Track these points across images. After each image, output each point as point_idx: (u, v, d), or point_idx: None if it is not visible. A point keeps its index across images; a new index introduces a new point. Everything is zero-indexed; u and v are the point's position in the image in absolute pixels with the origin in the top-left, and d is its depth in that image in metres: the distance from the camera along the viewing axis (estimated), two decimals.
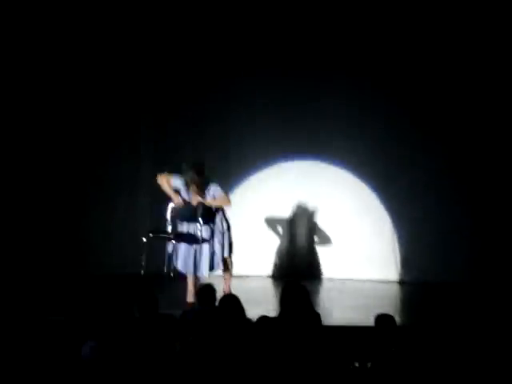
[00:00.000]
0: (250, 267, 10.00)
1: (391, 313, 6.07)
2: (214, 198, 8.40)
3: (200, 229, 8.36)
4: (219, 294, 6.59)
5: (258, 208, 10.29)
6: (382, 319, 5.94)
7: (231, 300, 6.21)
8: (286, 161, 10.27)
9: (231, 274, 8.63)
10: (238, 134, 10.22)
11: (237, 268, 9.05)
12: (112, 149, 10.27)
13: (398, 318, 6.29)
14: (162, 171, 8.59)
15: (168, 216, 8.50)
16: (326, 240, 10.25)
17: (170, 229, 8.53)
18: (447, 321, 7.79)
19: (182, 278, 8.52)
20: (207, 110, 10.27)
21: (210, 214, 8.43)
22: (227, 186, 9.65)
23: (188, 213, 8.42)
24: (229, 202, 8.52)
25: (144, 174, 10.20)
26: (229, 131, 10.22)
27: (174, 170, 8.51)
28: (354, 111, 10.12)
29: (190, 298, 8.40)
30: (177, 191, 8.49)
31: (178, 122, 10.28)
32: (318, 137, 10.16)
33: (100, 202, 10.26)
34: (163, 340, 5.79)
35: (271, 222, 10.32)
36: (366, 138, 10.11)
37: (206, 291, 6.58)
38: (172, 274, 8.51)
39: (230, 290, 8.31)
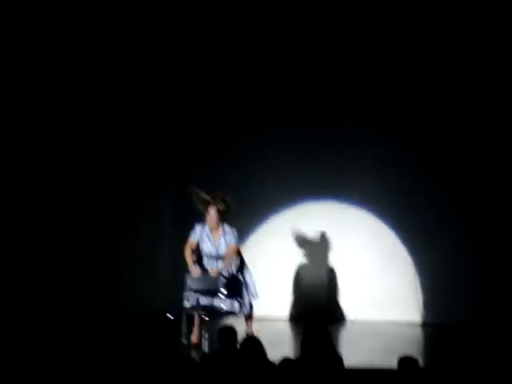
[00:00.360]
0: (269, 309, 9.93)
1: (414, 355, 6.01)
2: (227, 246, 8.36)
3: (223, 303, 8.28)
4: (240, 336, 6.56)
5: (277, 250, 10.26)
6: (405, 362, 5.87)
7: (253, 342, 6.16)
8: (305, 203, 10.25)
9: (252, 317, 8.59)
10: (259, 176, 10.22)
11: (257, 310, 9.02)
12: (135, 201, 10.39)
13: (421, 361, 6.23)
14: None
15: (186, 288, 8.35)
16: (346, 282, 10.19)
17: (187, 304, 8.33)
18: (470, 364, 7.70)
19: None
20: (229, 153, 10.30)
21: (232, 284, 8.37)
22: (246, 228, 9.69)
23: (208, 285, 8.28)
24: (234, 253, 8.44)
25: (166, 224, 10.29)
26: (249, 174, 10.21)
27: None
28: (375, 152, 10.10)
29: (195, 338, 8.35)
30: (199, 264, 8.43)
31: (198, 168, 10.31)
32: (338, 178, 10.15)
33: (124, 241, 10.32)
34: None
35: (291, 264, 10.28)
36: (387, 178, 10.08)
37: (227, 333, 6.53)
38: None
39: (251, 332, 8.26)
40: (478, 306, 9.79)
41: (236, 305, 8.37)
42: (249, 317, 8.54)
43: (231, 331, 6.56)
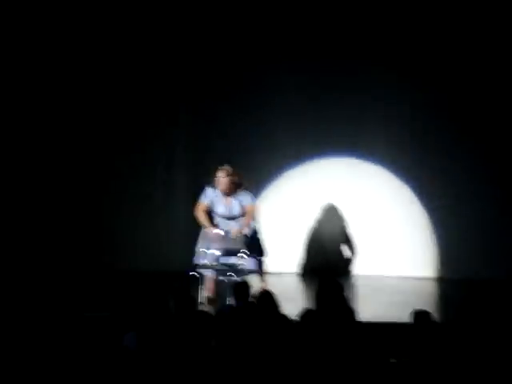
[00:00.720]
0: (282, 264, 9.97)
1: (428, 309, 6.02)
2: (242, 206, 8.36)
3: (243, 261, 8.28)
4: (254, 290, 6.59)
5: (291, 204, 10.25)
6: (420, 315, 5.89)
7: (267, 296, 6.20)
8: (320, 157, 10.22)
9: (265, 271, 8.61)
10: (272, 129, 10.17)
11: (271, 265, 9.04)
12: (144, 146, 10.31)
13: (435, 315, 6.24)
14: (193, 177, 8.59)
15: (204, 247, 8.33)
16: (360, 236, 10.18)
17: (206, 261, 8.30)
18: (486, 318, 7.70)
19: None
20: (241, 106, 10.25)
21: (251, 242, 8.38)
22: (260, 182, 9.66)
23: (228, 245, 8.30)
24: (255, 214, 8.45)
25: (178, 172, 10.25)
26: (262, 127, 10.18)
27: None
28: (391, 106, 10.03)
29: (207, 292, 8.37)
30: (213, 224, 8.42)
31: (210, 118, 10.27)
32: (352, 132, 10.09)
33: (134, 197, 10.30)
34: (199, 336, 5.78)
35: (305, 219, 10.27)
36: (404, 133, 10.01)
37: (241, 287, 6.58)
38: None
39: (265, 286, 8.28)
40: (495, 262, 9.77)
41: (255, 263, 8.40)
42: (263, 273, 8.57)
43: (245, 286, 6.61)
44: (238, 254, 8.28)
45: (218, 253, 8.28)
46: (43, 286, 9.08)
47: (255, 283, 8.13)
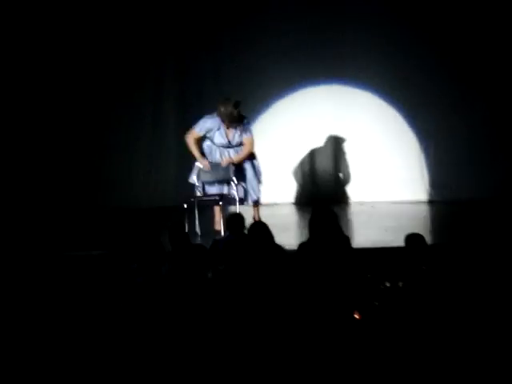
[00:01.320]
0: (275, 195, 10.00)
1: (422, 232, 6.06)
2: (241, 137, 8.34)
3: (235, 189, 8.30)
4: (248, 222, 6.62)
5: (283, 134, 10.24)
6: (412, 239, 5.93)
7: (260, 227, 6.23)
8: (312, 86, 10.17)
9: (260, 203, 8.64)
10: (263, 59, 10.09)
11: (264, 196, 9.07)
12: (136, 88, 10.28)
13: (428, 238, 6.28)
14: (186, 112, 8.55)
15: (195, 179, 8.36)
16: (352, 164, 10.20)
17: (199, 193, 8.34)
18: (478, 238, 7.76)
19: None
20: (232, 37, 10.18)
21: (241, 170, 8.39)
22: (252, 112, 9.61)
23: (219, 175, 8.32)
24: (252, 149, 8.44)
25: (168, 113, 10.22)
26: (254, 56, 10.10)
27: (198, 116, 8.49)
28: (382, 34, 9.94)
29: (218, 226, 8.43)
30: (202, 153, 8.39)
31: (200, 52, 10.21)
32: (343, 60, 10.03)
33: (125, 138, 10.30)
34: (195, 269, 5.84)
35: (296, 148, 10.28)
36: (391, 60, 9.94)
37: (235, 219, 6.61)
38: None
39: (259, 218, 8.32)
40: (485, 181, 9.80)
41: (245, 192, 8.42)
42: (256, 203, 8.60)
43: (239, 217, 6.64)
44: (231, 184, 8.30)
45: (209, 184, 8.33)
46: (40, 224, 9.12)
47: (250, 215, 8.19)
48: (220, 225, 8.34)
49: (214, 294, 5.50)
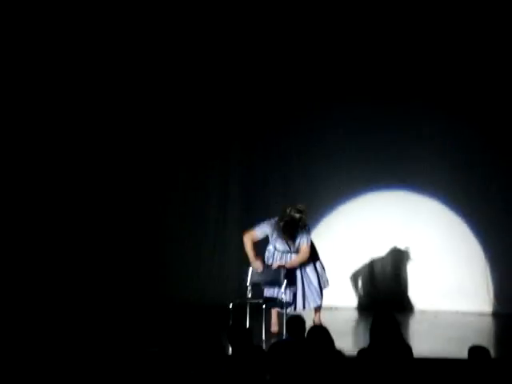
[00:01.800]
0: (338, 298, 9.91)
1: (485, 345, 5.93)
2: (299, 247, 8.36)
3: (284, 292, 8.30)
4: (308, 325, 6.54)
5: (345, 239, 10.21)
6: (476, 351, 5.80)
7: (320, 331, 6.14)
8: (374, 191, 10.18)
9: (321, 306, 8.57)
10: (326, 163, 10.17)
11: (326, 299, 8.99)
12: (201, 184, 10.40)
13: (492, 351, 6.14)
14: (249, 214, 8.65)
15: (248, 281, 8.40)
16: (415, 271, 10.09)
17: (250, 295, 8.37)
18: None
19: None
20: (295, 140, 10.30)
21: (293, 274, 8.38)
22: (315, 215, 9.62)
23: (270, 277, 8.35)
24: (306, 256, 8.43)
25: (232, 209, 10.29)
26: (317, 160, 10.19)
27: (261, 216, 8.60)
28: (447, 140, 9.96)
29: (274, 327, 8.38)
30: (258, 255, 8.43)
31: (265, 156, 10.33)
32: (406, 167, 10.04)
33: (189, 233, 10.36)
34: (254, 371, 5.77)
35: (359, 252, 10.22)
36: (455, 166, 9.93)
37: (295, 322, 6.54)
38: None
39: (320, 322, 8.23)
40: None
41: (304, 297, 8.39)
42: (318, 308, 8.53)
43: (299, 320, 6.57)
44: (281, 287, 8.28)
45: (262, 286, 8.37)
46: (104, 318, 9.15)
47: (310, 318, 8.11)
48: (276, 326, 8.30)
49: None
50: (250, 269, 8.43)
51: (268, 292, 8.43)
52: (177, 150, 10.36)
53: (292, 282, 8.38)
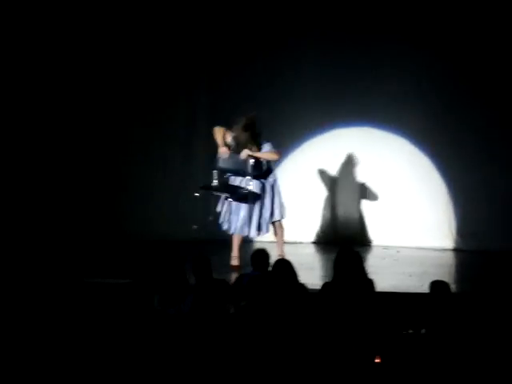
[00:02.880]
0: (300, 233, 9.98)
1: (446, 280, 6.02)
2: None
3: (250, 184, 8.25)
4: (272, 259, 6.60)
5: (309, 173, 10.23)
6: (437, 286, 5.89)
7: (284, 264, 6.21)
8: (340, 127, 10.18)
9: (283, 239, 8.61)
10: (294, 96, 10.10)
11: (290, 234, 9.05)
12: (169, 103, 10.26)
13: (453, 286, 6.23)
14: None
15: (216, 168, 8.38)
16: (379, 207, 10.16)
17: (216, 182, 8.36)
18: (503, 289, 7.68)
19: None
20: (264, 70, 10.19)
21: (260, 169, 8.32)
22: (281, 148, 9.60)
23: (237, 165, 8.28)
24: (276, 155, 8.40)
25: (199, 131, 10.20)
26: (284, 93, 10.11)
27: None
28: (413, 76, 9.92)
29: (234, 261, 8.39)
30: (228, 146, 8.40)
31: (234, 83, 10.22)
32: (374, 102, 10.01)
33: (155, 156, 10.29)
34: (218, 303, 5.82)
35: (322, 188, 10.25)
36: (424, 103, 9.91)
37: (260, 256, 6.59)
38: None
39: (283, 254, 8.28)
40: None
41: (263, 191, 8.36)
42: (279, 236, 8.54)
43: (264, 253, 6.62)
44: (246, 177, 8.25)
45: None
46: (63, 252, 9.12)
47: (274, 252, 8.16)
48: (236, 260, 8.31)
49: (235, 329, 5.48)
50: (217, 157, 8.36)
51: (234, 182, 8.37)
52: (144, 85, 10.22)
53: (257, 177, 8.30)
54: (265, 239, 8.94)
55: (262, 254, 6.61)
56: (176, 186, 10.27)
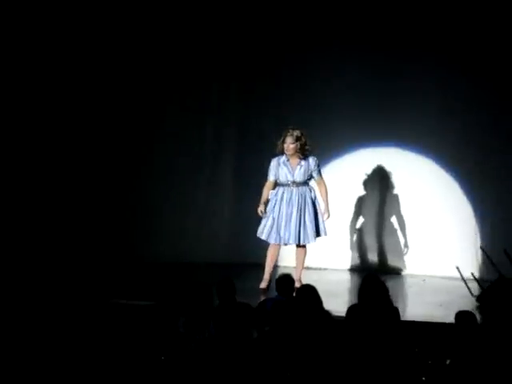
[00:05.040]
0: (328, 260, 9.93)
1: (472, 310, 5.97)
2: (310, 170, 8.37)
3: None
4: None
5: (335, 197, 10.15)
6: (463, 316, 5.85)
7: (309, 290, 6.18)
8: (367, 148, 10.10)
9: (303, 264, 8.54)
10: (319, 118, 10.00)
11: (315, 260, 9.02)
12: (194, 123, 10.21)
13: (479, 316, 6.17)
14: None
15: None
16: (406, 234, 10.09)
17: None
18: None
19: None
20: (292, 90, 10.15)
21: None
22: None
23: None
24: (326, 188, 8.49)
25: (225, 150, 10.18)
26: (310, 115, 10.00)
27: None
28: (444, 97, 9.83)
29: (263, 284, 8.38)
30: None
31: (262, 104, 10.20)
32: (402, 124, 9.91)
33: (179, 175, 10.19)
34: (241, 327, 5.81)
35: (352, 213, 10.20)
36: (450, 129, 9.82)
37: (284, 281, 6.57)
38: None
39: (300, 280, 8.22)
40: None
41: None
42: (300, 261, 8.51)
43: (289, 279, 6.60)
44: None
45: None
46: (85, 273, 9.12)
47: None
48: (265, 283, 8.30)
49: (258, 354, 5.46)
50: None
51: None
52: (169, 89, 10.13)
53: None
54: (290, 264, 8.91)
55: (287, 279, 6.59)
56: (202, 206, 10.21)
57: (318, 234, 8.46)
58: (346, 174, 10.15)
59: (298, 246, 8.53)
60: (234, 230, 9.68)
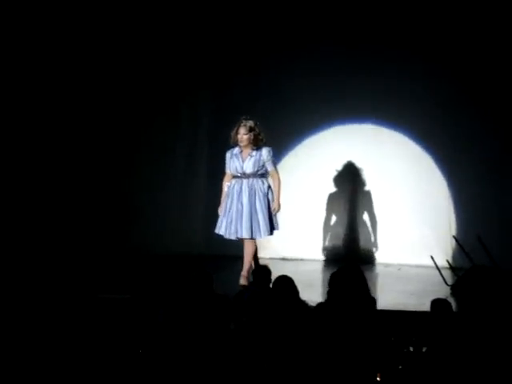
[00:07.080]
0: (304, 250, 9.96)
1: (448, 298, 6.03)
2: (262, 161, 8.14)
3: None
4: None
5: (309, 188, 10.18)
6: (439, 304, 5.89)
7: (285, 281, 6.21)
8: (344, 124, 10.13)
9: (251, 258, 8.26)
10: (296, 96, 10.06)
11: (292, 251, 9.04)
12: (171, 118, 10.32)
13: (454, 304, 6.23)
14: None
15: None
16: (380, 224, 10.14)
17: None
18: (503, 308, 7.66)
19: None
20: (267, 71, 10.22)
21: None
22: (280, 151, 9.49)
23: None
24: (279, 180, 8.23)
25: (202, 143, 10.21)
26: (286, 93, 10.07)
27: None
28: (425, 77, 9.91)
29: (243, 281, 8.20)
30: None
31: (234, 102, 10.22)
32: (381, 101, 9.96)
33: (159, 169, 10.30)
34: (218, 319, 5.82)
35: (325, 203, 10.22)
36: (428, 111, 9.87)
37: (261, 272, 6.60)
38: None
39: (246, 276, 8.09)
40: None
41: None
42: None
43: (265, 270, 6.64)
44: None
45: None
46: (65, 267, 9.11)
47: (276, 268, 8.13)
48: (246, 280, 8.14)
49: (235, 345, 5.48)
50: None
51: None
52: (148, 98, 10.24)
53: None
54: (267, 256, 8.93)
55: (264, 270, 6.62)
56: (179, 200, 10.24)
57: (272, 227, 8.21)
58: (318, 164, 10.19)
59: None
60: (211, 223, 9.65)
